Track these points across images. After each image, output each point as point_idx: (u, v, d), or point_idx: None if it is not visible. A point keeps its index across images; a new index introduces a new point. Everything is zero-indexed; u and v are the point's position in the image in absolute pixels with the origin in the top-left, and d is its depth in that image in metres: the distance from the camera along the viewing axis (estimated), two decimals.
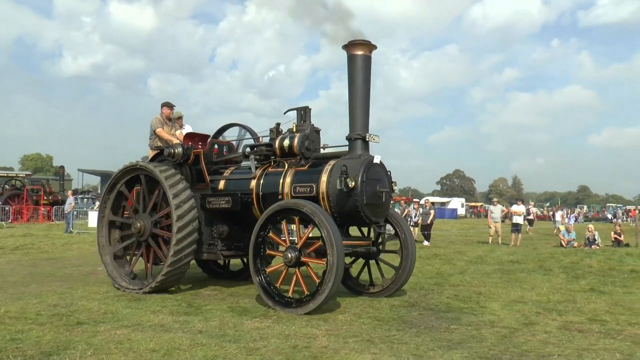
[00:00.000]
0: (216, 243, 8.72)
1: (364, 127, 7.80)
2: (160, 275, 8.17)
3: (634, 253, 13.90)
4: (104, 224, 9.35)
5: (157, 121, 9.60)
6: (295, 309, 6.97)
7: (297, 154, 8.12)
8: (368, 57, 7.85)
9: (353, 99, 7.80)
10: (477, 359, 5.08)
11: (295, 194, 7.80)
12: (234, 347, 5.36)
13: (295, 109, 8.47)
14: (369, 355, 5.14)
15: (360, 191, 7.34)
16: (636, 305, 7.95)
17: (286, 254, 7.25)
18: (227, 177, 8.87)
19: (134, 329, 6.05)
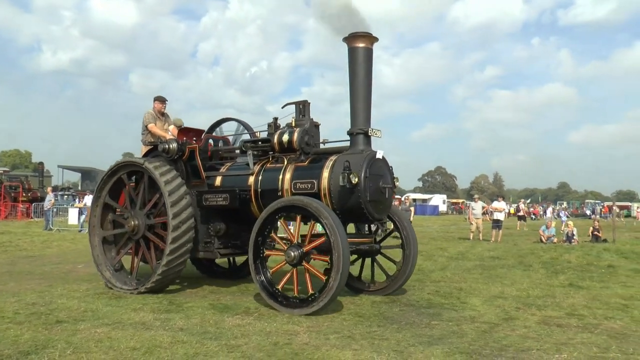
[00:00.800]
0: (213, 241, 8.46)
1: (366, 121, 7.61)
2: (156, 275, 7.93)
3: (611, 248, 14.11)
4: (99, 204, 9.00)
5: (149, 116, 9.33)
6: (299, 309, 6.79)
7: (297, 149, 7.88)
8: (369, 50, 7.64)
9: (354, 92, 7.62)
10: (458, 354, 5.12)
11: (296, 191, 7.58)
12: (215, 344, 5.35)
13: (294, 102, 8.24)
14: (350, 351, 5.16)
15: (363, 187, 7.15)
16: (612, 300, 8.08)
17: (289, 253, 7.03)
18: (223, 173, 8.63)
19: (114, 327, 6.01)
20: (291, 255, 6.99)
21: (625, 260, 12.32)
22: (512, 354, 5.19)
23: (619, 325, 6.52)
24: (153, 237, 8.36)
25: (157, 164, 8.32)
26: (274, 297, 7.09)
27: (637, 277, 10.50)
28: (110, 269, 8.65)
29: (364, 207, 7.23)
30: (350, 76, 7.66)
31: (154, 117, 9.38)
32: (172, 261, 7.92)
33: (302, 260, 7.00)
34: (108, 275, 8.56)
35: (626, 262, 12.17)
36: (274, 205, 7.24)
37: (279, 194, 7.71)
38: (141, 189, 8.60)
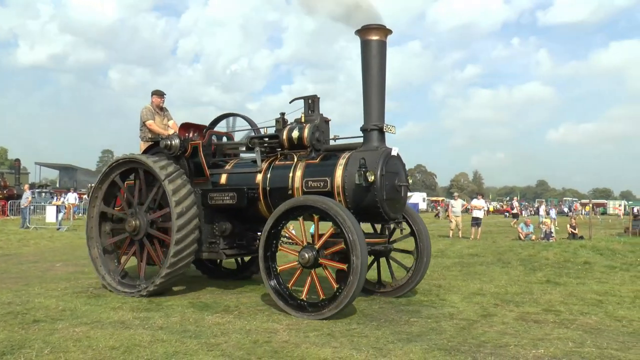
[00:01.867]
0: (218, 241, 8.10)
1: (380, 117, 7.30)
2: (159, 278, 7.57)
3: (587, 245, 14.30)
4: (94, 214, 8.57)
5: (147, 112, 8.90)
6: (312, 314, 6.49)
7: (308, 146, 7.56)
8: (383, 43, 7.33)
9: (368, 87, 7.29)
10: (436, 351, 5.17)
11: (307, 189, 7.26)
12: (194, 342, 5.34)
13: (302, 97, 7.87)
14: (329, 349, 5.19)
15: (379, 186, 6.86)
16: (588, 296, 8.21)
17: (303, 254, 6.71)
18: (229, 170, 8.24)
19: (93, 326, 5.96)
20: (305, 256, 6.69)
21: (600, 257, 12.51)
22: (490, 350, 5.26)
23: (593, 320, 6.64)
24: (157, 233, 8.03)
25: (161, 163, 7.91)
26: (286, 301, 6.79)
27: (612, 273, 10.69)
28: (115, 277, 8.20)
29: (380, 206, 6.95)
30: (363, 70, 7.36)
31: (152, 113, 8.94)
32: (175, 263, 7.57)
33: (316, 263, 6.73)
34: (114, 284, 8.09)
35: (601, 258, 12.37)
36: (285, 205, 6.93)
37: (289, 193, 7.39)
38: (139, 187, 8.27)
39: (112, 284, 8.09)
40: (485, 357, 5.03)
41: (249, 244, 8.40)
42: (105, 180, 8.51)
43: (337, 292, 6.40)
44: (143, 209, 8.10)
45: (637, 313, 7.05)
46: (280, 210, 6.93)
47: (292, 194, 7.35)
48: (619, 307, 7.44)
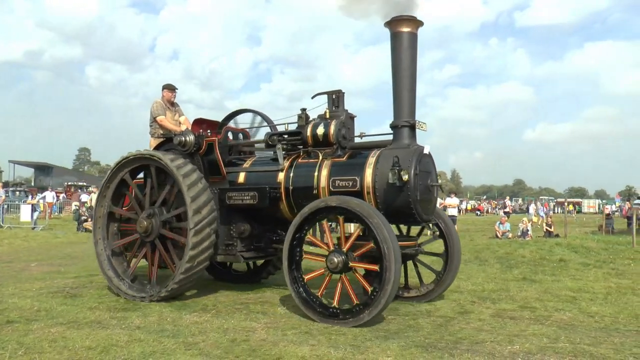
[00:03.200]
0: (235, 243, 7.72)
1: (412, 113, 6.95)
2: (172, 283, 7.18)
3: (562, 243, 14.52)
4: (102, 214, 8.16)
5: (158, 107, 8.48)
6: (344, 321, 6.11)
7: (334, 143, 7.16)
8: (414, 35, 6.97)
9: (399, 81, 6.94)
10: (414, 348, 5.22)
11: (335, 189, 6.89)
12: (172, 342, 5.32)
13: (326, 92, 7.47)
14: (307, 346, 5.21)
15: (413, 185, 6.52)
16: (563, 292, 8.35)
17: (331, 258, 6.29)
18: (248, 169, 7.84)
19: (69, 326, 5.90)
20: (334, 261, 6.27)
21: (575, 255, 12.72)
22: (467, 347, 5.32)
23: (567, 316, 6.75)
24: (171, 234, 7.60)
25: (177, 161, 7.49)
26: (312, 308, 6.39)
27: (586, 270, 10.88)
28: (125, 281, 7.77)
29: (413, 207, 6.59)
30: (393, 64, 7.01)
31: (163, 108, 8.51)
32: (190, 268, 7.17)
33: (345, 268, 6.33)
34: (124, 288, 7.67)
35: (576, 256, 12.57)
36: (313, 207, 6.52)
37: (314, 193, 7.04)
38: (150, 186, 7.82)
39: (121, 287, 7.67)
40: (461, 353, 5.08)
41: (267, 247, 8.04)
42: (114, 179, 8.09)
43: (372, 296, 6.04)
44: (154, 208, 7.68)
45: (609, 309, 7.20)
46: (306, 212, 6.53)
47: (318, 194, 7.01)
48: (592, 303, 7.58)
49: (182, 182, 7.19)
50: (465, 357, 4.96)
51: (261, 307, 7.11)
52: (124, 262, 8.10)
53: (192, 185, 7.24)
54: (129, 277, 7.82)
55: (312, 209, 6.48)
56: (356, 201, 6.32)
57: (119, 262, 8.03)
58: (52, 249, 14.95)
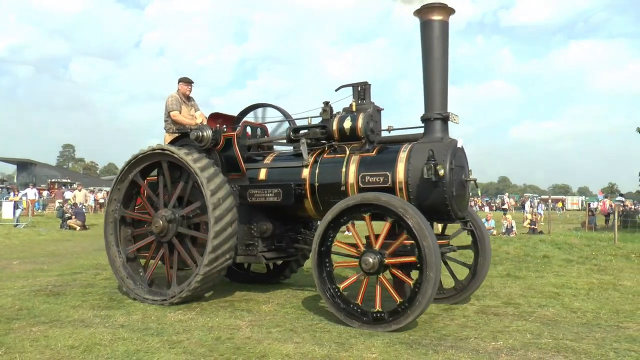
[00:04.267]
0: (256, 243, 7.37)
1: (444, 105, 6.63)
2: (193, 283, 6.84)
3: (546, 240, 14.68)
4: (114, 219, 7.74)
5: (173, 101, 8.16)
6: (383, 325, 5.82)
7: (362, 137, 6.83)
8: (445, 23, 6.64)
9: (430, 72, 6.64)
10: (398, 345, 5.24)
11: (364, 185, 6.58)
12: (156, 340, 5.29)
13: (351, 84, 7.13)
14: (291, 344, 5.21)
15: (449, 181, 6.23)
16: (546, 289, 8.43)
17: (366, 259, 5.97)
18: (269, 165, 7.53)
19: (51, 325, 5.83)
20: (369, 262, 5.95)
21: (558, 251, 12.87)
22: (451, 343, 5.35)
23: (551, 312, 6.81)
24: (190, 231, 7.31)
25: (195, 156, 7.15)
26: (348, 313, 6.08)
27: (569, 266, 11.01)
28: (144, 287, 7.39)
29: (449, 204, 6.29)
30: (423, 54, 6.71)
31: (178, 102, 8.19)
32: (209, 272, 6.83)
33: (381, 268, 6.03)
34: (143, 293, 7.28)
35: (559, 252, 12.73)
36: (343, 205, 6.16)
37: (342, 189, 6.72)
38: (163, 184, 7.54)
39: (140, 293, 7.28)
40: (445, 350, 5.10)
41: (288, 246, 7.75)
42: (125, 179, 7.70)
43: (413, 295, 5.77)
44: (170, 206, 7.34)
45: (591, 305, 7.28)
46: (337, 210, 6.17)
47: (346, 190, 6.70)
48: (575, 299, 7.66)
49: (205, 185, 6.85)
50: (450, 354, 4.98)
51: (246, 304, 7.10)
52: (139, 266, 7.76)
53: (214, 188, 6.92)
54: (147, 280, 7.47)
55: (345, 206, 6.14)
56: (391, 197, 6.02)
57: (135, 267, 7.69)
58: (34, 246, 14.79)
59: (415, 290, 5.74)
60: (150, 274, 7.54)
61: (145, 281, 7.46)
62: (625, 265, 11.40)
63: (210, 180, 6.91)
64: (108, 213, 7.79)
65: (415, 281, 5.84)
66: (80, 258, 11.90)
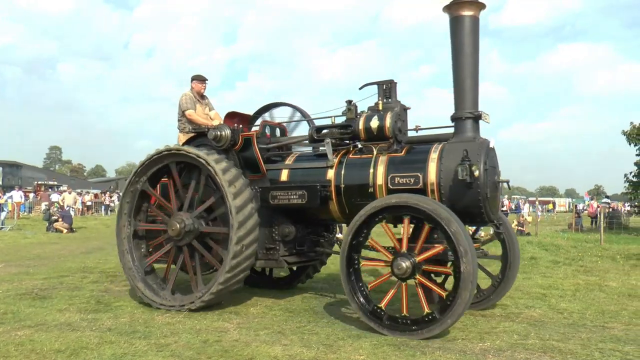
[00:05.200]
0: (278, 247, 7.09)
1: (475, 103, 6.42)
2: (209, 293, 6.59)
3: (533, 241, 14.78)
4: (126, 235, 7.39)
5: (187, 100, 7.89)
6: (417, 333, 5.62)
7: (390, 137, 6.58)
8: (476, 19, 6.43)
9: (460, 70, 6.42)
10: (386, 346, 5.25)
11: (394, 186, 6.35)
12: (144, 343, 5.26)
13: (376, 82, 6.88)
14: (279, 346, 5.20)
15: (483, 182, 6.04)
16: (533, 290, 8.50)
17: (399, 264, 5.76)
18: (291, 165, 7.23)
19: (37, 329, 5.78)
20: (402, 266, 5.75)
21: (545, 252, 12.97)
22: (439, 344, 5.37)
23: (537, 313, 6.87)
24: (213, 228, 7.03)
25: (215, 156, 6.87)
26: (378, 319, 5.89)
27: (556, 267, 11.11)
28: (168, 297, 7.02)
29: (483, 206, 6.08)
30: (453, 51, 6.49)
31: (192, 101, 7.91)
32: (230, 279, 6.57)
33: (414, 273, 5.81)
34: (168, 302, 6.95)
35: (546, 254, 12.82)
36: (374, 207, 5.97)
37: (370, 191, 6.49)
38: (174, 187, 7.29)
39: (165, 302, 6.93)
40: (433, 351, 5.12)
41: (309, 250, 7.52)
42: (134, 186, 7.36)
43: (448, 301, 5.60)
44: (185, 208, 7.05)
45: (577, 305, 7.34)
46: (368, 212, 5.97)
47: (374, 192, 6.47)
48: (561, 300, 7.73)
49: (227, 189, 6.54)
50: (437, 355, 5.00)
51: (234, 307, 7.08)
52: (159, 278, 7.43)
53: (237, 192, 6.63)
54: (168, 288, 7.11)
55: (377, 208, 5.94)
56: (425, 199, 5.89)
57: (154, 279, 7.37)
58: (20, 249, 14.66)
59: (447, 304, 5.56)
60: (172, 283, 7.13)
61: (169, 290, 7.08)
62: (611, 266, 11.52)
63: (232, 182, 6.64)
64: (120, 228, 7.42)
65: (448, 294, 5.68)
66: (67, 261, 11.81)
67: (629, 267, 11.38)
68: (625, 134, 26.60)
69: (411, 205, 5.76)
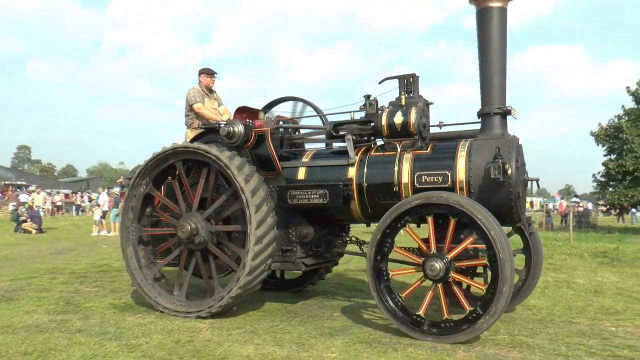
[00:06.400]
0: (295, 249, 6.78)
1: (503, 98, 6.19)
2: (227, 297, 6.21)
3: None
4: (132, 243, 6.96)
5: (195, 93, 7.57)
6: (455, 335, 5.43)
7: (414, 134, 6.28)
8: (504, 10, 6.17)
9: (488, 64, 6.19)
10: (358, 344, 5.29)
11: (421, 185, 6.06)
12: (114, 344, 5.20)
13: (397, 76, 6.57)
14: (252, 346, 5.20)
15: (515, 180, 5.81)
16: None
17: (432, 265, 5.52)
18: (308, 163, 6.87)
19: (3, 331, 5.66)
20: (435, 267, 5.52)
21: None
22: (410, 341, 5.43)
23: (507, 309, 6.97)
24: (227, 227, 6.66)
25: (228, 154, 6.48)
26: (418, 327, 5.64)
27: None
28: (182, 301, 6.63)
29: (514, 205, 5.86)
30: (480, 44, 6.27)
31: (201, 95, 7.58)
32: (250, 282, 6.20)
33: (448, 274, 5.61)
34: (183, 308, 6.56)
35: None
36: (405, 205, 5.70)
37: (395, 190, 6.20)
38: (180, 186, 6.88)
39: (180, 309, 6.54)
40: (405, 347, 5.18)
41: (325, 251, 7.21)
42: (138, 190, 6.93)
43: (474, 314, 5.42)
44: (205, 215, 6.59)
45: (546, 302, 7.51)
46: (396, 211, 5.71)
47: (399, 191, 6.18)
48: (531, 296, 7.79)
49: (244, 187, 6.18)
50: (409, 352, 5.06)
51: None
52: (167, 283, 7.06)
53: (253, 190, 6.27)
54: (182, 294, 6.72)
55: (401, 209, 5.69)
56: (458, 197, 5.63)
57: (164, 286, 6.97)
58: None
59: (488, 297, 5.41)
60: (185, 288, 6.73)
61: (184, 295, 6.70)
62: (579, 263, 11.77)
63: (254, 194, 6.24)
64: (124, 236, 7.01)
65: (487, 287, 5.54)
66: (36, 262, 11.59)
67: (596, 265, 11.65)
68: (594, 135, 27.21)
69: (451, 205, 5.49)
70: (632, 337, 5.77)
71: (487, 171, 5.73)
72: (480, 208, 5.45)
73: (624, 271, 10.89)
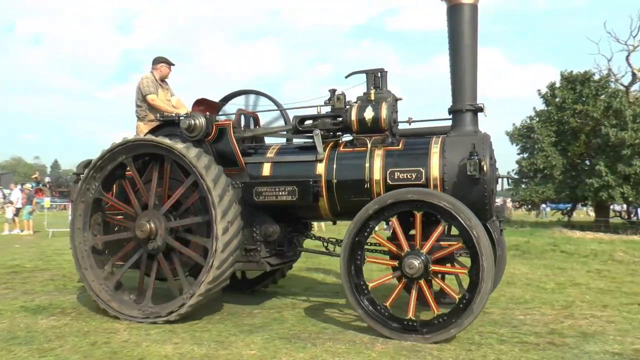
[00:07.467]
0: (259, 248, 6.51)
1: (474, 95, 6.17)
2: (197, 296, 5.90)
3: None
4: (84, 254, 6.51)
5: (149, 83, 7.19)
6: (431, 335, 5.37)
7: (385, 129, 6.16)
8: (475, 7, 6.16)
9: (459, 60, 6.16)
10: (277, 340, 5.36)
11: (393, 182, 5.95)
12: (24, 349, 5.01)
13: (364, 71, 6.44)
14: (170, 345, 5.17)
15: (489, 177, 5.81)
16: None
17: (410, 262, 5.44)
18: (274, 159, 6.63)
19: None
20: (414, 265, 5.44)
21: None
22: (329, 335, 5.56)
23: None
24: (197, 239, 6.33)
25: (185, 144, 6.19)
26: (383, 323, 5.60)
27: None
28: (146, 308, 6.20)
29: (488, 202, 5.85)
30: (451, 41, 6.24)
31: (155, 85, 7.20)
32: (218, 277, 5.91)
33: (425, 273, 5.51)
34: (113, 303, 6.30)
35: None
36: (383, 201, 5.61)
37: (366, 187, 6.07)
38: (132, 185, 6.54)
39: (148, 315, 6.13)
40: (324, 342, 5.29)
41: (289, 251, 7.02)
42: (85, 195, 6.51)
43: (464, 300, 5.37)
44: (162, 211, 6.24)
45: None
46: (373, 208, 5.62)
47: (370, 188, 6.07)
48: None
49: (206, 177, 5.91)
50: (328, 346, 5.17)
51: None
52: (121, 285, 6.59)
53: (215, 179, 6.00)
54: (148, 298, 6.27)
55: (384, 204, 5.60)
56: (439, 193, 5.64)
57: (123, 293, 6.54)
58: None
59: (460, 307, 5.36)
60: (151, 291, 6.33)
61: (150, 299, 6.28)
62: None
63: (216, 185, 5.95)
64: (75, 247, 6.54)
65: (461, 297, 5.43)
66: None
67: (509, 257, 12.18)
68: (508, 135, 28.62)
69: (429, 201, 5.46)
70: (538, 324, 6.15)
71: (462, 168, 5.74)
72: (457, 201, 5.45)
73: (534, 263, 11.60)
